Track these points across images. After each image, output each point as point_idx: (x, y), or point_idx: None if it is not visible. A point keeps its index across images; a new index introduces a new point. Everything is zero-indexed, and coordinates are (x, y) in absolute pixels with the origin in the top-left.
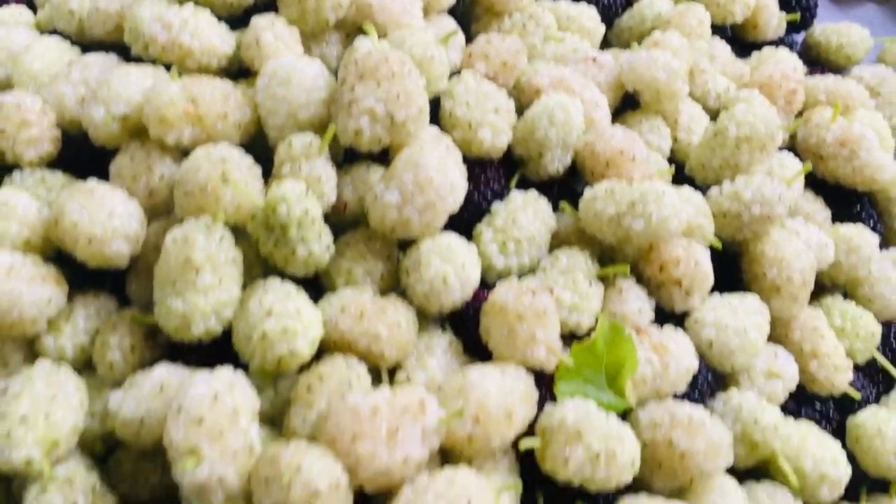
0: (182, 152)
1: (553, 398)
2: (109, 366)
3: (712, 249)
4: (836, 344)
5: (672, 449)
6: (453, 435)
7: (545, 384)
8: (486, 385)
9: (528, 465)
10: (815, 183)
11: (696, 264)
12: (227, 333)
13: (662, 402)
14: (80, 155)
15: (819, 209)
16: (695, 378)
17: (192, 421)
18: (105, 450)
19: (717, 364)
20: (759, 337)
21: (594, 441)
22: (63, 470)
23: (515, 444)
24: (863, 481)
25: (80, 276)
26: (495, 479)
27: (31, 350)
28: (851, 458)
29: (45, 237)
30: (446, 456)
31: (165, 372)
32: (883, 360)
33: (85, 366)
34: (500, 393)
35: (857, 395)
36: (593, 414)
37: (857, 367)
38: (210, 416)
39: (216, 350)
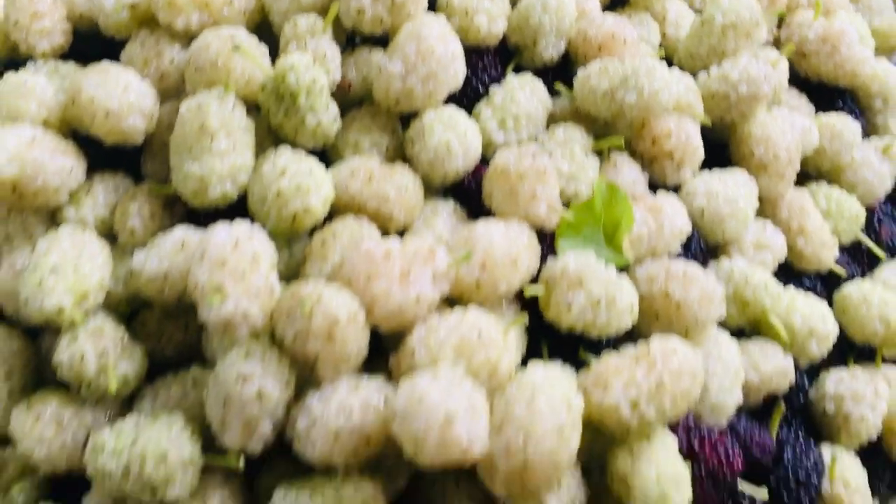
0: (189, 39)
1: (555, 255)
2: (130, 232)
3: (703, 138)
4: (822, 222)
5: (668, 300)
6: (461, 281)
7: (547, 243)
8: (491, 235)
9: (532, 318)
10: (798, 82)
11: (687, 137)
12: (242, 203)
13: (658, 259)
14: (90, 50)
15: (803, 104)
16: (688, 241)
17: (215, 263)
18: (130, 312)
19: (708, 233)
20: (749, 207)
21: (594, 287)
22: (92, 322)
23: (520, 297)
24: (850, 351)
25: (97, 159)
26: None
27: (53, 223)
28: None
29: (62, 119)
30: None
31: (185, 232)
32: (866, 240)
33: (105, 238)
34: (505, 242)
35: (842, 272)
36: (593, 263)
37: (842, 248)
38: (232, 259)
39: (231, 219)
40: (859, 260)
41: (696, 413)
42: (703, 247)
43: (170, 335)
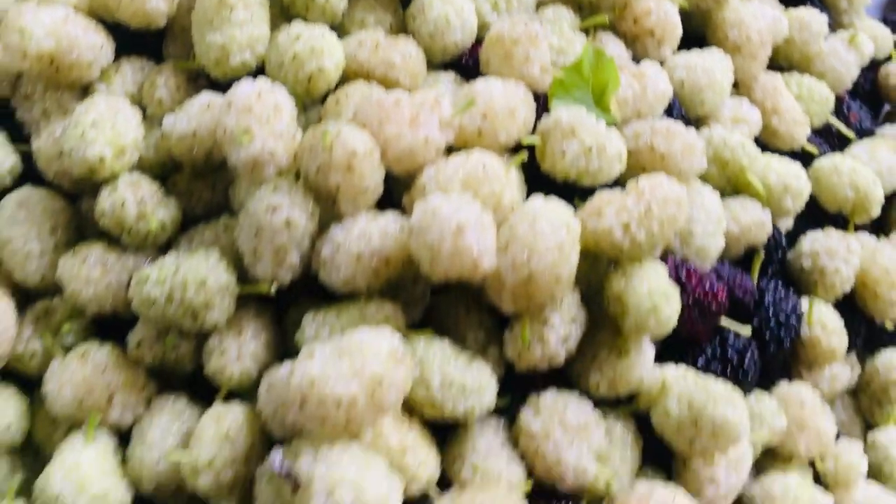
0: None
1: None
2: (158, 103)
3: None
4: (794, 102)
5: (653, 153)
6: (464, 130)
7: (541, 104)
8: (490, 89)
9: (529, 173)
10: None
11: (666, 15)
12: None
13: (643, 119)
14: None
15: (774, 4)
16: (669, 109)
17: (242, 110)
18: (162, 175)
19: (689, 104)
20: (725, 80)
21: (586, 136)
22: (129, 176)
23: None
24: (825, 221)
25: (121, 49)
26: None
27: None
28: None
29: (89, 7)
30: None
31: (210, 95)
32: (836, 122)
33: None
34: (504, 95)
35: (814, 150)
36: (584, 115)
37: (813, 131)
38: (257, 106)
39: None
40: (830, 142)
41: (682, 256)
42: (683, 114)
43: (199, 194)
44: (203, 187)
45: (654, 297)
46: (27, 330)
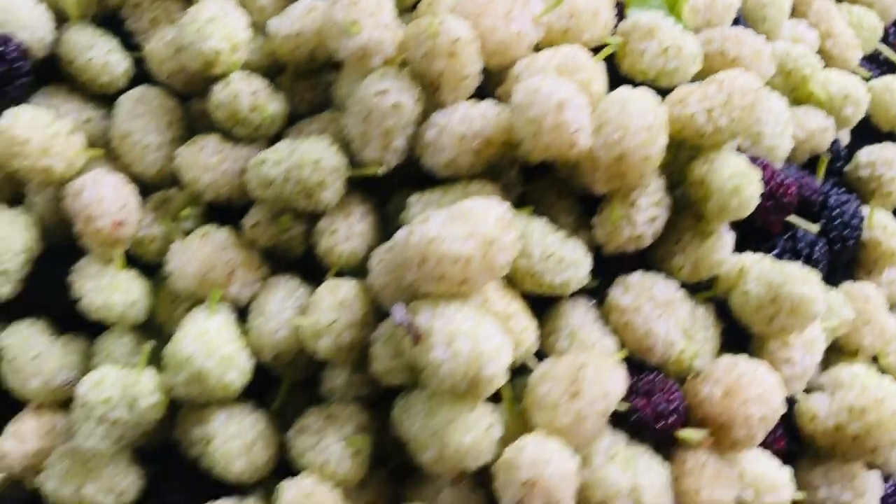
0: None
1: None
2: (260, 10)
3: None
4: (847, 26)
5: (724, 57)
6: (552, 29)
7: (618, 14)
8: None
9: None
10: None
11: None
12: None
13: (713, 28)
14: None
15: None
16: (735, 22)
17: (349, 3)
18: (267, 78)
19: (752, 20)
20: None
21: (664, 36)
22: (241, 72)
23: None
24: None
25: None
26: None
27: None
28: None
29: None
30: None
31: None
32: (885, 49)
33: None
34: None
35: (867, 74)
36: (661, 18)
37: (863, 58)
38: (363, 1)
39: None
40: (880, 69)
41: (753, 154)
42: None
43: (302, 95)
44: (306, 87)
45: (736, 178)
46: (147, 217)
